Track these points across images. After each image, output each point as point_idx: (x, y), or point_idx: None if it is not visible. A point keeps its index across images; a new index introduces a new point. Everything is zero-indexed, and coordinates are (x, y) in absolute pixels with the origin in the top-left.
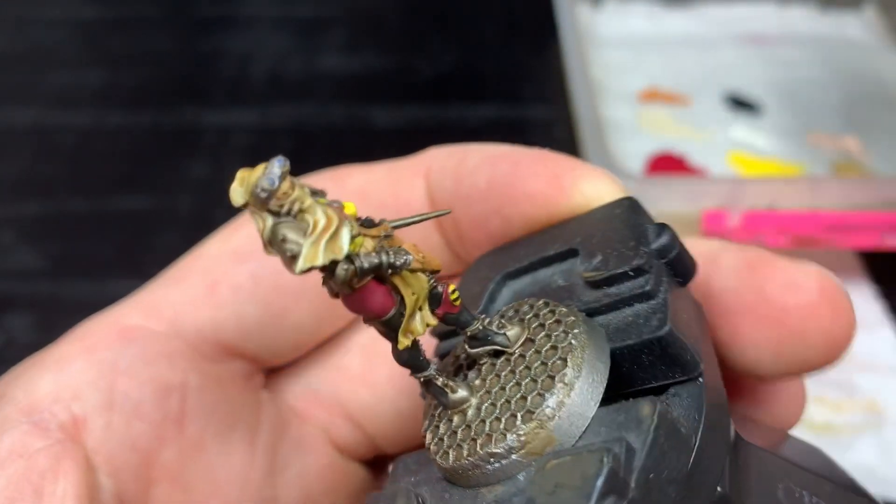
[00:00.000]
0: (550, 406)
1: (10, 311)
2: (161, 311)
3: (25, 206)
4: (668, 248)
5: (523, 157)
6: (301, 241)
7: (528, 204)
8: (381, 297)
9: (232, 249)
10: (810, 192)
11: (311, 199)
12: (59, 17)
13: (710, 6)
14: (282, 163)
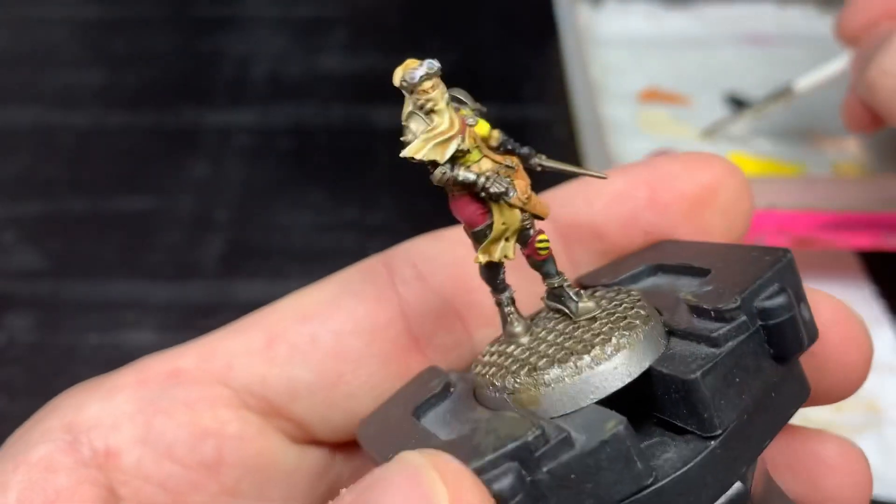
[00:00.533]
0: (551, 375)
1: (10, 310)
2: (216, 357)
3: (26, 205)
4: (771, 314)
5: (651, 160)
6: (416, 134)
7: (679, 182)
8: (472, 212)
9: (298, 309)
10: (810, 192)
11: (444, 104)
12: (60, 16)
13: (709, 6)
14: (430, 65)
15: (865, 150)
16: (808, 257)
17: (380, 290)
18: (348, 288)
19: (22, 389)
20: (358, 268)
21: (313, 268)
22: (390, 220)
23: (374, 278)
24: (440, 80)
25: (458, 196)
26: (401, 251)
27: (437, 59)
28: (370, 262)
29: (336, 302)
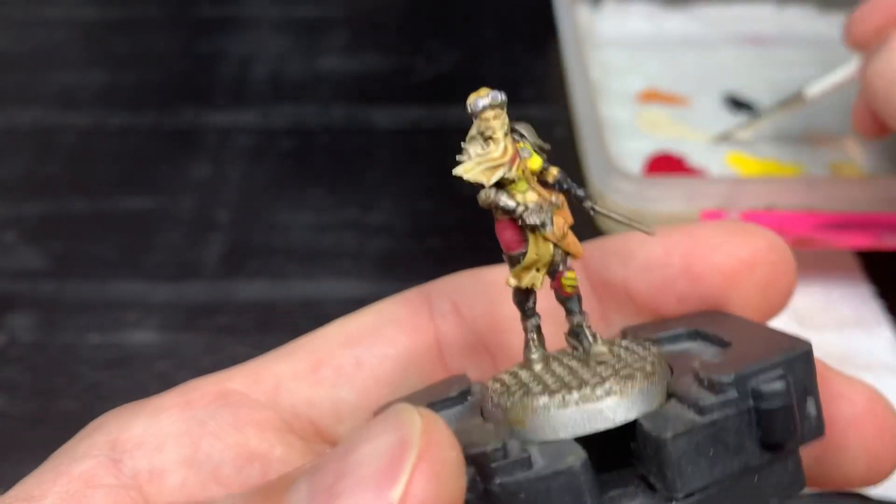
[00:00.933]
0: (539, 402)
1: (11, 310)
2: (263, 380)
3: (27, 206)
4: (765, 398)
5: (692, 226)
6: (470, 156)
7: (716, 254)
8: (510, 237)
9: (343, 333)
10: (808, 192)
11: (502, 134)
12: (61, 17)
13: (708, 7)
14: (494, 96)
15: (864, 151)
16: (808, 257)
17: (419, 321)
18: (389, 317)
19: (23, 389)
20: (399, 298)
21: (313, 268)
22: (390, 220)
23: (414, 309)
24: (503, 112)
25: (500, 220)
26: (441, 285)
27: (503, 93)
28: (411, 293)
29: (378, 330)
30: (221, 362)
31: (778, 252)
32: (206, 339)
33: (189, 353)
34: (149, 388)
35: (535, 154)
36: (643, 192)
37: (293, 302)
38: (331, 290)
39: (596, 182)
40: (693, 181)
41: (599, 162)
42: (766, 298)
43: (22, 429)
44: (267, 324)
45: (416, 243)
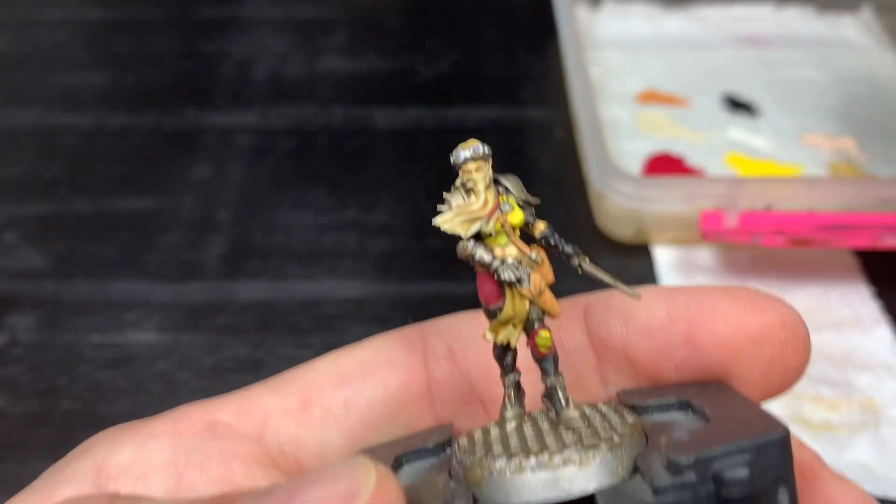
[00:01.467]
0: (497, 465)
1: (13, 310)
2: (252, 412)
3: (28, 206)
4: (725, 484)
5: (700, 289)
6: (451, 206)
7: (721, 325)
8: (487, 291)
9: (336, 370)
10: (807, 192)
11: (483, 186)
12: (62, 18)
13: (707, 8)
14: (476, 149)
15: (863, 151)
16: (807, 257)
17: (413, 364)
18: (384, 356)
19: (24, 389)
20: (397, 336)
21: (313, 268)
22: (390, 220)
23: (409, 351)
24: (486, 164)
25: (479, 272)
26: (439, 326)
27: (487, 146)
28: (409, 331)
29: (371, 369)
30: (221, 362)
31: (790, 328)
32: (206, 339)
33: (189, 353)
34: (149, 387)
35: (517, 208)
36: (643, 192)
37: (293, 302)
38: (331, 290)
39: (596, 182)
40: (692, 181)
41: (599, 162)
42: (770, 377)
43: (23, 428)
44: (267, 324)
45: (416, 243)
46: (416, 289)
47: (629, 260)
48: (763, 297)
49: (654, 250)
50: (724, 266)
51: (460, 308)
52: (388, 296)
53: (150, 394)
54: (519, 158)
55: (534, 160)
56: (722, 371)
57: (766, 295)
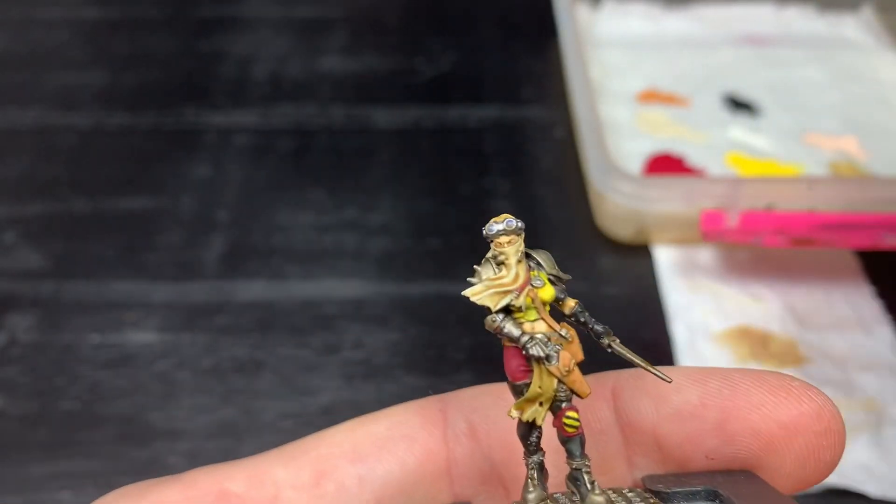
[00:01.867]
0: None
1: (12, 310)
2: (264, 484)
3: (27, 206)
4: None
5: (733, 373)
6: (481, 278)
7: (755, 414)
8: (515, 366)
9: (351, 444)
10: (808, 192)
11: (515, 260)
12: (61, 17)
13: (708, 7)
14: (509, 223)
15: (864, 151)
16: (808, 257)
17: (433, 442)
18: (402, 431)
19: (23, 389)
20: (416, 409)
21: (313, 268)
22: (390, 220)
23: (429, 426)
24: (519, 238)
25: (507, 347)
26: (460, 399)
27: (520, 221)
28: (429, 404)
29: (388, 444)
30: (221, 362)
31: (825, 420)
32: (206, 339)
33: (189, 353)
34: (149, 388)
35: (548, 284)
36: (643, 192)
37: (293, 302)
38: (331, 290)
39: (596, 182)
40: (693, 181)
41: (599, 162)
42: (804, 470)
43: (22, 429)
44: (266, 324)
45: (416, 243)
46: (415, 289)
47: (629, 260)
48: (799, 384)
49: (654, 250)
50: (725, 266)
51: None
52: (387, 296)
53: (149, 394)
54: (519, 158)
55: (534, 160)
56: (753, 461)
57: (801, 383)
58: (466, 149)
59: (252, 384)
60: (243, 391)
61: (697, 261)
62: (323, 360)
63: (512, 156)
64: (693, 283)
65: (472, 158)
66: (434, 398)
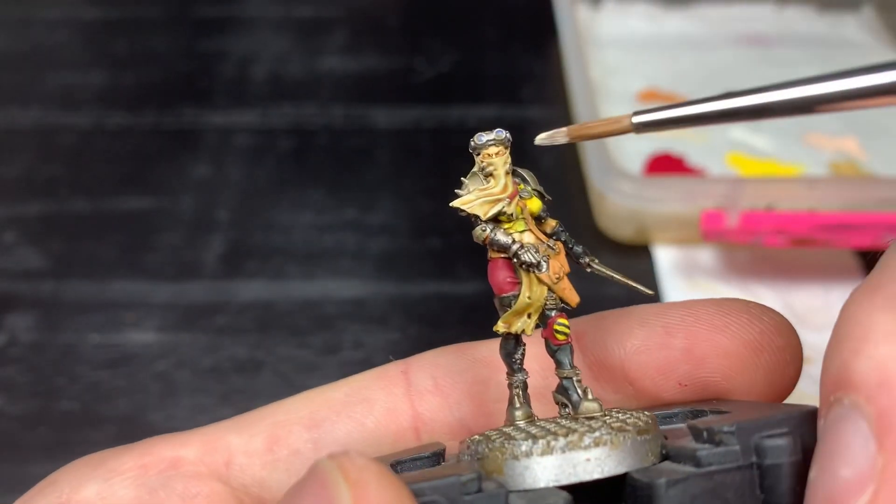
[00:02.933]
0: (521, 448)
1: (12, 310)
2: (217, 451)
3: (27, 206)
4: (768, 453)
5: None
6: (469, 189)
7: (721, 336)
8: (502, 278)
9: (307, 411)
10: (808, 192)
11: (503, 171)
12: (61, 17)
13: (708, 7)
14: (498, 133)
15: (864, 151)
16: (808, 257)
17: (394, 401)
18: (362, 394)
19: (22, 389)
20: (375, 373)
21: (313, 268)
22: (390, 220)
23: (389, 387)
24: (506, 150)
25: (493, 259)
26: (422, 361)
27: (507, 132)
28: (389, 368)
29: (346, 408)
30: (220, 362)
31: (785, 335)
32: (206, 339)
33: (189, 353)
34: (148, 387)
35: (534, 196)
36: (643, 192)
37: (293, 302)
38: (331, 290)
39: (596, 182)
40: (693, 181)
41: (599, 162)
42: (772, 384)
43: (21, 429)
44: (267, 324)
45: (416, 243)
46: (415, 289)
47: (630, 260)
48: (755, 306)
49: (654, 250)
50: (725, 266)
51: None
52: (387, 296)
53: (148, 394)
54: (519, 158)
55: (534, 160)
56: (723, 383)
57: (757, 304)
58: (466, 149)
59: (252, 384)
60: (243, 391)
61: (697, 261)
62: (323, 360)
63: (512, 156)
64: (693, 282)
65: (472, 158)
66: (395, 363)
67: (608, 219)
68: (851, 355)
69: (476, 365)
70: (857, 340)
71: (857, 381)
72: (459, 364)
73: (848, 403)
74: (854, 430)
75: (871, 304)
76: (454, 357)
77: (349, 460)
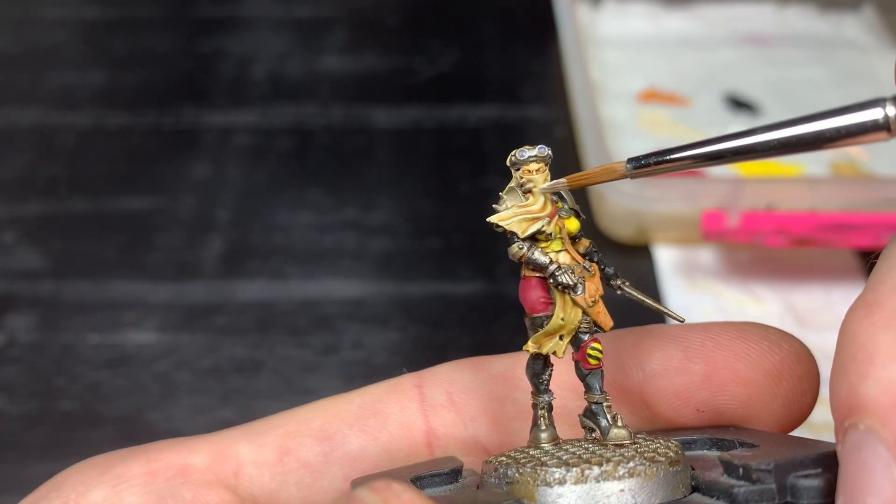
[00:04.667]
0: (555, 476)
1: (11, 310)
2: (226, 460)
3: (27, 206)
4: (803, 493)
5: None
6: (508, 205)
7: (741, 363)
8: (536, 297)
9: (320, 423)
10: (809, 192)
11: (542, 189)
12: (61, 17)
13: (709, 6)
14: (541, 149)
15: (865, 151)
16: (808, 257)
17: (408, 415)
18: (375, 407)
19: (22, 389)
20: (389, 386)
21: (313, 268)
22: (390, 220)
23: (403, 401)
24: (546, 167)
25: (528, 277)
26: (437, 375)
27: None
28: (403, 381)
29: (359, 421)
30: (220, 362)
31: (804, 363)
32: (206, 339)
33: (188, 352)
34: (148, 388)
35: (573, 217)
36: (644, 192)
37: (293, 302)
38: (331, 290)
39: None
40: (693, 181)
41: (600, 161)
42: (789, 411)
43: (21, 429)
44: (267, 324)
45: (416, 243)
46: (415, 289)
47: (630, 260)
48: (776, 332)
49: (654, 250)
50: (726, 266)
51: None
52: (387, 296)
53: (148, 394)
54: None
55: None
56: (741, 410)
57: (777, 330)
58: (466, 149)
59: (251, 384)
60: (243, 391)
61: (698, 261)
62: (322, 360)
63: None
64: (693, 283)
65: (472, 158)
66: (409, 375)
67: (608, 219)
68: (859, 379)
69: (492, 381)
70: (862, 363)
71: (868, 406)
72: (475, 380)
73: (863, 428)
74: (874, 457)
75: (871, 323)
76: (470, 372)
77: (393, 494)
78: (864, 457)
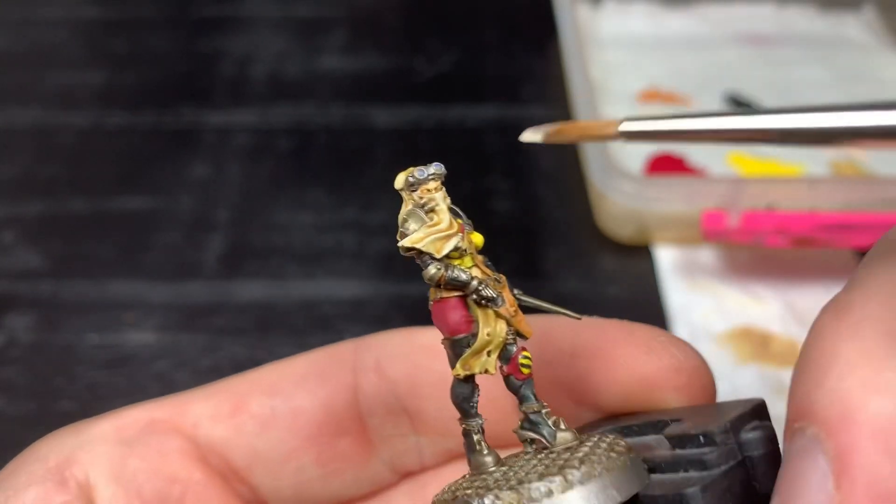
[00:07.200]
0: (542, 490)
1: (11, 310)
2: (186, 414)
3: (26, 206)
4: (754, 445)
5: (606, 325)
6: (417, 227)
7: (619, 368)
8: (458, 318)
9: (269, 379)
10: (809, 192)
11: (445, 207)
12: (60, 17)
13: (709, 6)
14: (438, 167)
15: (864, 151)
16: (809, 257)
17: (342, 376)
18: (315, 368)
19: (22, 389)
20: (329, 351)
21: (313, 268)
22: (390, 220)
23: (340, 363)
24: (441, 185)
25: (444, 299)
26: (371, 341)
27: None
28: (342, 346)
29: (301, 381)
30: (220, 362)
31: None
32: (205, 339)
33: (188, 353)
34: (147, 388)
35: (473, 230)
36: (644, 192)
37: (293, 302)
38: (330, 290)
39: (597, 181)
40: (693, 181)
41: (600, 161)
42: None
43: (21, 429)
44: (266, 324)
45: None
46: (415, 289)
47: (630, 260)
48: (665, 340)
49: (655, 250)
50: (726, 266)
51: None
52: (387, 296)
53: (148, 394)
54: (519, 158)
55: (534, 160)
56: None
57: (669, 338)
58: (466, 149)
59: None
60: None
61: (698, 261)
62: None
63: (512, 156)
64: (694, 283)
65: (472, 158)
66: (348, 341)
67: (608, 219)
68: (814, 385)
69: (417, 350)
70: (821, 369)
71: (819, 414)
72: (402, 346)
73: (810, 435)
74: (813, 466)
75: (836, 329)
76: (399, 340)
77: None
78: (805, 464)
